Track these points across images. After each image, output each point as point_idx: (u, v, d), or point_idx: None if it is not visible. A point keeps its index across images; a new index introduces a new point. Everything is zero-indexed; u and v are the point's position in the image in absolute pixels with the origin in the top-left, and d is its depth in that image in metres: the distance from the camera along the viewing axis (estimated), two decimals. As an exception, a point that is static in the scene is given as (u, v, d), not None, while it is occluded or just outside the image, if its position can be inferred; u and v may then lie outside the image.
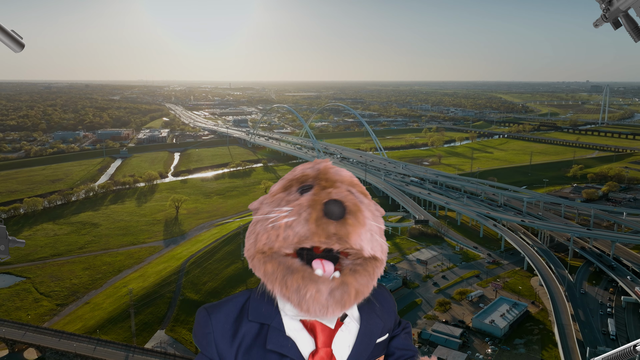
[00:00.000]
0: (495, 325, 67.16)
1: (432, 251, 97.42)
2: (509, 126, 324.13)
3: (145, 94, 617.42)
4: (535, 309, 74.45)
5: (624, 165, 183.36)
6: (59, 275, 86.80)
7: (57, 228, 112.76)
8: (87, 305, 76.14)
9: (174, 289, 78.87)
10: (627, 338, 66.29)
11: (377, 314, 2.28)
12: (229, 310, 2.11)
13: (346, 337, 2.12)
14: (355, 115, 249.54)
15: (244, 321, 2.07)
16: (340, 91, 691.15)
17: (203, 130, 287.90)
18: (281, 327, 2.04)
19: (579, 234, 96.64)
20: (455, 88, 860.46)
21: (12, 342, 61.01)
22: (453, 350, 61.65)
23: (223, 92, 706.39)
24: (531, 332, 68.27)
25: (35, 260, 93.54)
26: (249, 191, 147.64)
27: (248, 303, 2.12)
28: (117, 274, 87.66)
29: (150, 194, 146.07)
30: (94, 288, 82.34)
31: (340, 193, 1.99)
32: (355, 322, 2.18)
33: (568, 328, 66.22)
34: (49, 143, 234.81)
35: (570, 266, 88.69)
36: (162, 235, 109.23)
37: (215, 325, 2.08)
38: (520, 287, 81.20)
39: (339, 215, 1.91)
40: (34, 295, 79.15)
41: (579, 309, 72.49)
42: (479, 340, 65.91)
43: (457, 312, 73.53)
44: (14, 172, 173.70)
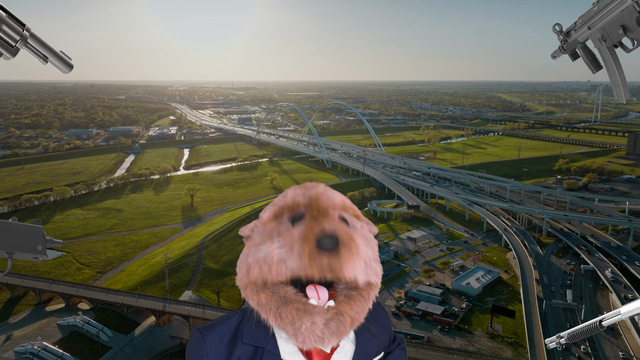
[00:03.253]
0: (470, 287, 79.53)
1: (421, 232, 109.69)
2: (505, 124, 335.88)
3: (150, 93, 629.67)
4: (507, 275, 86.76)
5: (608, 160, 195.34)
6: (94, 250, 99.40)
7: (86, 213, 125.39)
8: (122, 272, 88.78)
9: (196, 259, 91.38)
10: (581, 297, 78.62)
11: (373, 333, 2.25)
12: (223, 332, 2.08)
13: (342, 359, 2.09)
14: (356, 114, 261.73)
15: (239, 344, 2.04)
16: (341, 91, 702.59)
17: (209, 128, 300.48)
18: (276, 350, 2.01)
19: (551, 216, 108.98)
20: (456, 88, 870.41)
21: (68, 297, 73.52)
22: (433, 304, 74.00)
23: (226, 91, 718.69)
24: (501, 292, 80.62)
25: (71, 239, 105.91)
26: (256, 182, 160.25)
27: (242, 325, 2.08)
28: (144, 249, 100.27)
29: (165, 184, 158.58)
30: (126, 260, 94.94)
31: (332, 224, 1.94)
32: (350, 344, 2.15)
33: (531, 288, 78.56)
34: (65, 140, 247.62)
35: (543, 243, 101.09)
36: (181, 219, 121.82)
37: (209, 348, 2.05)
38: (496, 259, 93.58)
39: (332, 248, 1.87)
40: (76, 265, 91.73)
41: (544, 275, 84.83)
42: (456, 299, 78.26)
43: (439, 278, 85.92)
44: (37, 165, 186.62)
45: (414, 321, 71.24)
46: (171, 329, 69.05)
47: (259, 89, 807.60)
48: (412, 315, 72.28)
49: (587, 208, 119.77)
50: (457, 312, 73.18)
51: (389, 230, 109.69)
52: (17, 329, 66.17)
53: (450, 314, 72.52)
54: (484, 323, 70.92)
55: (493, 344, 65.55)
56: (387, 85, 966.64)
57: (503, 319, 70.73)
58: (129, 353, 62.64)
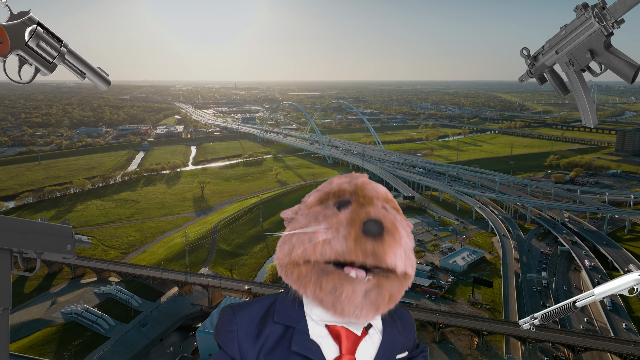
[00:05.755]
0: (456, 264, 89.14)
1: (415, 219, 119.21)
2: (502, 123, 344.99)
3: (154, 93, 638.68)
4: (490, 256, 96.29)
5: (598, 156, 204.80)
6: (117, 235, 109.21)
7: (105, 203, 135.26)
8: (144, 253, 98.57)
9: (210, 242, 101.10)
10: (555, 273, 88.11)
11: (399, 330, 2.28)
12: (255, 311, 2.12)
13: (369, 348, 2.10)
14: (357, 113, 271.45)
15: (269, 322, 2.07)
16: (343, 90, 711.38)
17: (214, 126, 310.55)
18: (306, 330, 2.03)
19: (534, 204, 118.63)
20: (457, 87, 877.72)
21: (100, 271, 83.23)
22: (423, 278, 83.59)
23: (229, 91, 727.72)
24: (484, 269, 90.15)
25: (94, 226, 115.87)
26: (261, 176, 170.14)
27: (274, 306, 2.12)
28: (162, 234, 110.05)
29: (176, 178, 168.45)
30: (146, 243, 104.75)
31: (377, 211, 1.96)
32: (378, 334, 2.17)
33: (510, 265, 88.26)
34: (76, 137, 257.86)
35: (526, 229, 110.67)
36: (193, 209, 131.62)
37: (240, 324, 2.08)
38: (481, 242, 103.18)
39: (377, 233, 1.88)
40: (102, 247, 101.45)
41: (523, 255, 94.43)
42: (443, 274, 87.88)
43: (429, 258, 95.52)
44: (53, 161, 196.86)
45: (405, 292, 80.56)
46: (192, 298, 78.88)
47: (261, 88, 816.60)
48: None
49: (570, 199, 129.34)
50: (443, 285, 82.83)
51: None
52: (59, 296, 75.94)
53: (437, 286, 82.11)
54: (466, 293, 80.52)
55: (473, 309, 75.08)
56: (389, 85, 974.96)
57: (483, 289, 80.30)
58: (158, 316, 72.35)
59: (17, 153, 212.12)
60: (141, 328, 68.81)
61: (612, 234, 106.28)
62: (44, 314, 69.42)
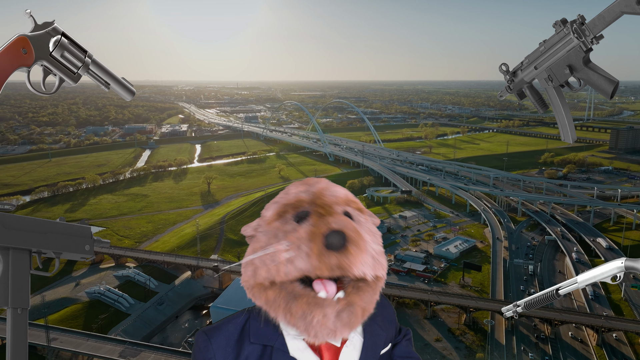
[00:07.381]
0: (449, 252, 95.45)
1: (412, 212, 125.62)
2: (500, 122, 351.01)
3: (157, 93, 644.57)
4: (481, 245, 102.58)
5: (591, 154, 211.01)
6: (129, 226, 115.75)
7: (116, 197, 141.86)
8: (157, 242, 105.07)
9: (218, 232, 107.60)
10: (541, 259, 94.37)
11: (379, 325, 2.21)
12: (230, 333, 2.00)
13: (351, 353, 2.03)
14: (358, 112, 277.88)
15: (246, 343, 1.96)
16: (344, 90, 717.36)
17: (218, 125, 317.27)
18: (285, 348, 1.94)
19: (524, 198, 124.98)
20: (459, 87, 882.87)
21: (118, 257, 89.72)
22: (417, 264, 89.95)
23: (231, 91, 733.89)
24: (475, 256, 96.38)
25: (107, 218, 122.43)
26: (265, 173, 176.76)
27: (248, 324, 2.00)
28: (173, 225, 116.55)
29: (183, 175, 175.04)
30: (158, 233, 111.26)
31: (339, 221, 1.85)
32: (359, 336, 2.09)
33: (499, 252, 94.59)
34: (84, 136, 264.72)
35: (517, 221, 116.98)
36: (201, 202, 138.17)
37: (216, 350, 1.96)
38: (473, 232, 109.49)
39: (341, 246, 1.78)
40: (116, 237, 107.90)
41: (513, 243, 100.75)
42: (436, 261, 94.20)
43: (424, 246, 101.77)
44: (63, 159, 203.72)
45: (400, 276, 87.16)
46: (204, 281, 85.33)
47: (262, 88, 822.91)
48: (399, 272, 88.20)
49: (561, 193, 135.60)
50: (436, 270, 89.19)
51: (384, 211, 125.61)
52: (81, 279, 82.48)
53: (430, 271, 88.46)
54: (457, 277, 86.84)
55: (463, 291, 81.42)
56: (390, 85, 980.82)
57: (473, 273, 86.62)
58: (173, 296, 78.82)
59: (27, 151, 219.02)
60: (158, 306, 75.32)
61: (598, 226, 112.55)
62: (70, 294, 76.07)
